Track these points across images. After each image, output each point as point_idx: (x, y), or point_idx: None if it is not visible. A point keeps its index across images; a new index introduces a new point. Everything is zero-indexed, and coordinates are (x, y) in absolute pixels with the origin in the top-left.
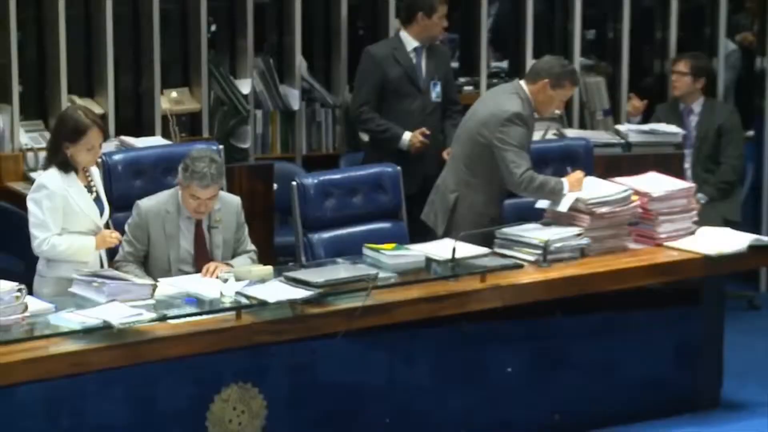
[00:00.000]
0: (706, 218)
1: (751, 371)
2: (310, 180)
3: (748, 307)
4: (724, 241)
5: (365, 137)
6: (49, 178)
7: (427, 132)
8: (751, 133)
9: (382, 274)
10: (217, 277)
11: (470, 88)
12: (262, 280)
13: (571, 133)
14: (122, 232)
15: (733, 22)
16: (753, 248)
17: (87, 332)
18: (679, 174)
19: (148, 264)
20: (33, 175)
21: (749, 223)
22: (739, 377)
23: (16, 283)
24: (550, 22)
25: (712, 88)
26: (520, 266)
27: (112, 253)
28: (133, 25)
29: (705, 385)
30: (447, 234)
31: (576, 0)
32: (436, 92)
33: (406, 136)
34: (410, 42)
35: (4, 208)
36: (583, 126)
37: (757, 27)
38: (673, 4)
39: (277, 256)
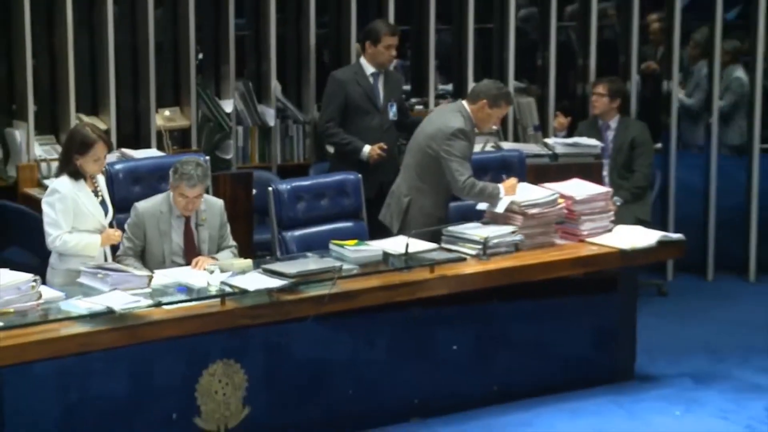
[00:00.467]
0: (621, 218)
1: (661, 349)
2: (284, 186)
3: (657, 294)
4: (636, 237)
5: (331, 149)
6: (61, 184)
7: (385, 146)
8: (659, 145)
9: (345, 266)
10: (204, 269)
11: (420, 107)
12: (243, 272)
13: (506, 145)
14: (123, 231)
15: (640, 53)
16: (661, 243)
17: (93, 317)
18: (599, 180)
19: (145, 257)
20: (46, 182)
21: (658, 222)
22: (650, 354)
23: (31, 275)
24: (488, 51)
25: (626, 107)
26: (464, 259)
27: (114, 248)
28: (131, 53)
29: (621, 360)
30: (401, 232)
31: (509, 32)
32: (392, 112)
33: (366, 148)
34: (368, 67)
35: (22, 211)
36: (516, 139)
37: (660, 55)
38: (592, 37)
39: (255, 251)
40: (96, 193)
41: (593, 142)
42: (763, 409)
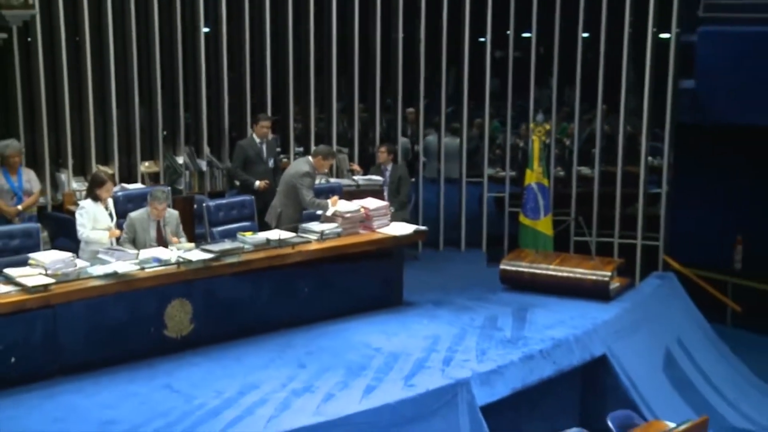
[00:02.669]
0: (394, 218)
1: (416, 288)
2: (212, 203)
3: (413, 259)
4: (402, 229)
5: (237, 183)
6: (86, 203)
7: (267, 181)
8: (413, 179)
9: (246, 247)
10: (172, 241)
11: (286, 159)
12: (190, 250)
13: (332, 180)
14: (122, 229)
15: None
16: (415, 231)
17: (106, 276)
18: (382, 198)
19: (135, 243)
20: (79, 202)
21: (414, 221)
22: (410, 290)
23: (71, 253)
24: (323, 131)
25: (396, 158)
26: (310, 241)
27: (117, 239)
28: (126, 130)
29: (395, 295)
30: (276, 227)
31: (333, 120)
32: (271, 162)
33: (257, 183)
34: (257, 138)
35: (66, 218)
36: (338, 176)
37: (412, 132)
38: (377, 120)
39: (196, 239)
40: (106, 208)
41: (378, 178)
42: (469, 319)
